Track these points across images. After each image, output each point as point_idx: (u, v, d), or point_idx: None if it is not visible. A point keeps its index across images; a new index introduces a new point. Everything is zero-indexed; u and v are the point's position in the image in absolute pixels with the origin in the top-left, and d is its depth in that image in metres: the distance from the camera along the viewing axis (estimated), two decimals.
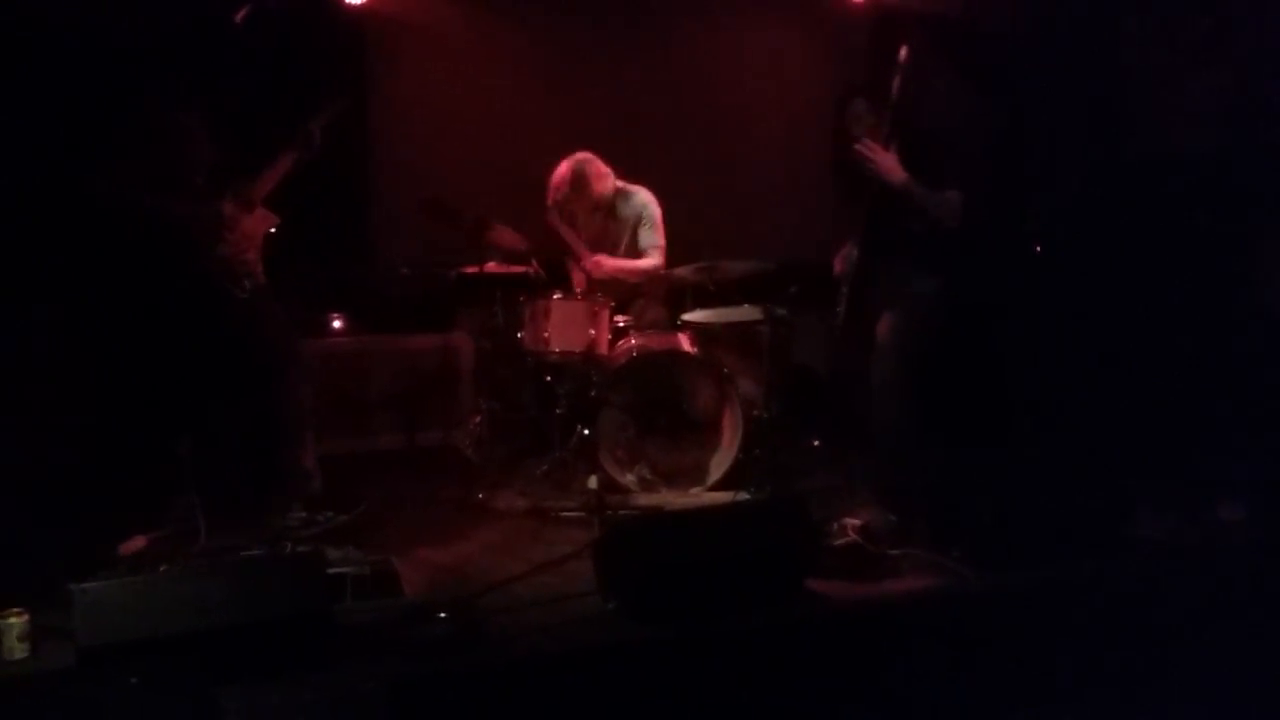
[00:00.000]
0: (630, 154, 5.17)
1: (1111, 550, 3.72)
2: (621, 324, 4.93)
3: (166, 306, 3.93)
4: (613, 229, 5.12)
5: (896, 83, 3.90)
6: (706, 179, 5.73)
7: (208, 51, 3.97)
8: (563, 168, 4.96)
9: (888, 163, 3.93)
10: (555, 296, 4.72)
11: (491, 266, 4.99)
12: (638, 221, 5.10)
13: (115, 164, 3.75)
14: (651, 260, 5.06)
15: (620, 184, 5.08)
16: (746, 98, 6.10)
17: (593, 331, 4.65)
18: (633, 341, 4.79)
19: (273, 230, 4.14)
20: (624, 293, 5.11)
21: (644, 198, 5.12)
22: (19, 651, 2.95)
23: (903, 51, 3.89)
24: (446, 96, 5.74)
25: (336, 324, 5.54)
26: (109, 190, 3.75)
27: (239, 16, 4.01)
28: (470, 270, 5.04)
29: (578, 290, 5.01)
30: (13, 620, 2.95)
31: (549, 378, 4.93)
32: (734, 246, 4.89)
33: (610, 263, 5.06)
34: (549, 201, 4.99)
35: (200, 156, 3.94)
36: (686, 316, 4.92)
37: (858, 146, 3.98)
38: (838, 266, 4.32)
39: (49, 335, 3.91)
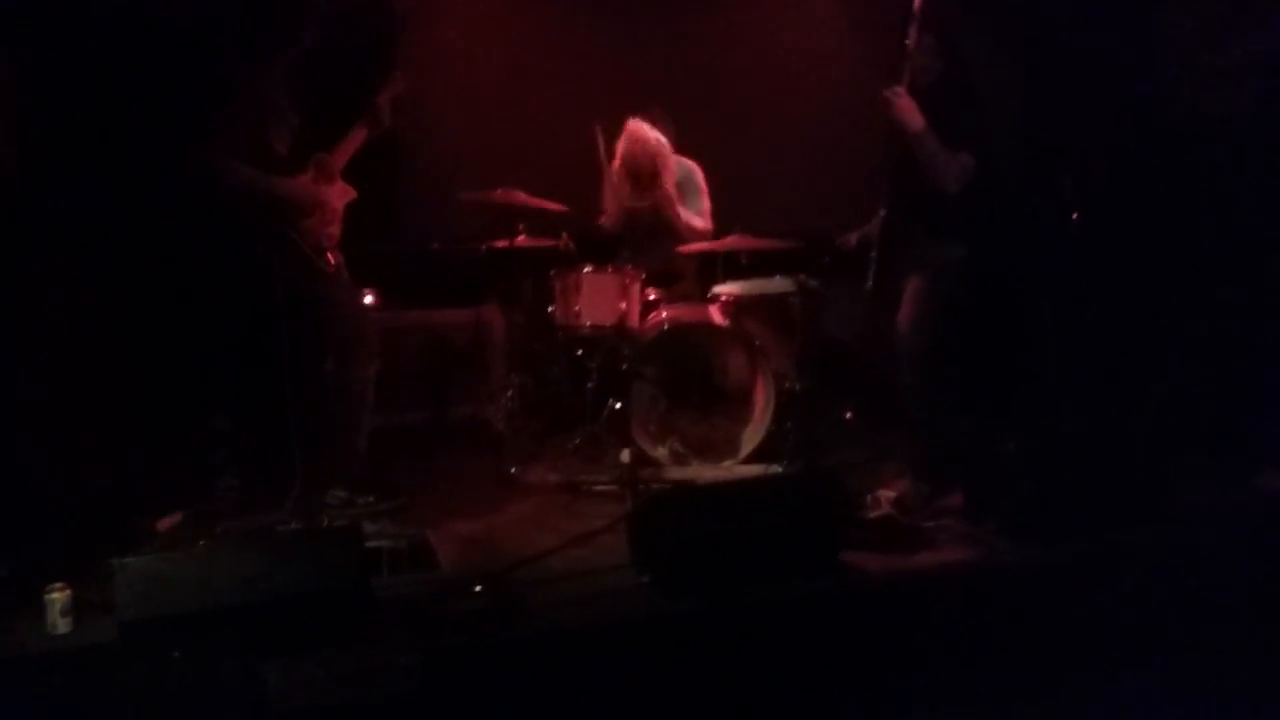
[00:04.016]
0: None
1: (1150, 521, 3.69)
2: (652, 297, 4.92)
3: (247, 280, 3.90)
4: (661, 203, 5.10)
5: (912, 32, 3.83)
6: (739, 151, 5.69)
7: (282, 26, 3.91)
8: (645, 126, 5.00)
9: (908, 108, 3.86)
10: (586, 270, 4.71)
11: (522, 240, 4.98)
12: (687, 188, 5.11)
13: (213, 138, 3.70)
14: (699, 221, 5.08)
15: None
16: (780, 70, 6.04)
17: (623, 304, 4.64)
18: (664, 314, 4.78)
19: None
20: (659, 265, 5.10)
21: (692, 166, 5.15)
22: (62, 626, 2.99)
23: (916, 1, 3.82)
24: (476, 69, 5.72)
25: (367, 299, 5.55)
26: (202, 160, 3.70)
27: None
28: (501, 244, 5.04)
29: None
30: (55, 595, 2.99)
31: (580, 351, 4.92)
32: (765, 219, 4.85)
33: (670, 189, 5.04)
34: (619, 145, 4.99)
35: (287, 128, 3.89)
36: (718, 288, 4.90)
37: (885, 91, 3.90)
38: (852, 243, 4.28)
39: (102, 310, 3.93)
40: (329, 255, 3.96)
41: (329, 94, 4.18)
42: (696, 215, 5.10)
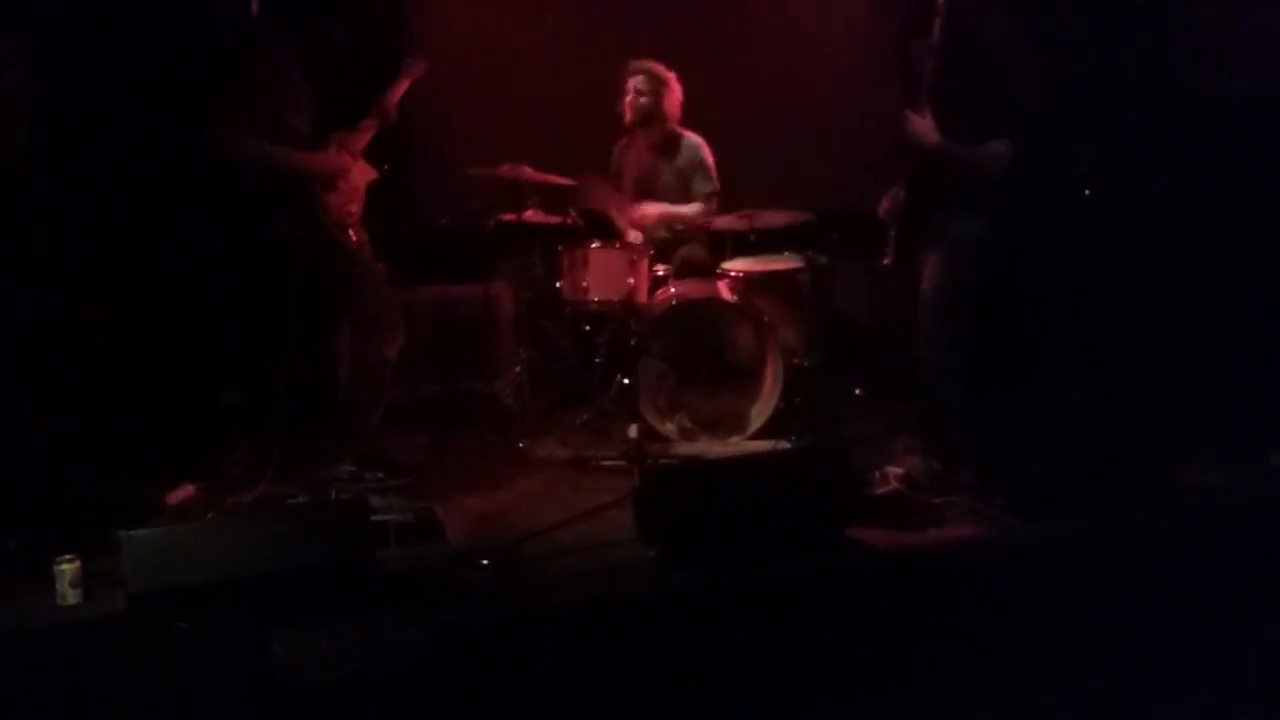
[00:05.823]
0: None
1: (1159, 499, 3.67)
2: (660, 272, 4.90)
3: (265, 255, 3.92)
4: (663, 170, 5.08)
5: (937, 27, 3.78)
6: (748, 126, 5.64)
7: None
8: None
9: (922, 126, 3.85)
10: (593, 245, 4.69)
11: (530, 215, 4.96)
12: (691, 167, 5.08)
13: (228, 112, 3.69)
14: (701, 206, 5.05)
15: (676, 127, 5.06)
16: (789, 45, 5.98)
17: (631, 280, 4.62)
18: (672, 290, 4.76)
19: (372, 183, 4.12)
20: (667, 240, 5.08)
21: (698, 141, 5.11)
22: (71, 597, 3.01)
23: None
24: (486, 45, 5.69)
25: None
26: (218, 135, 3.69)
27: None
28: (509, 219, 5.02)
29: (619, 240, 4.98)
30: (65, 567, 3.01)
31: (588, 327, 4.91)
32: (775, 195, 4.83)
33: (655, 210, 5.03)
34: (625, 84, 4.99)
35: (306, 106, 3.88)
36: (726, 265, 4.88)
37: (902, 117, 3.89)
38: (884, 208, 4.23)
39: (115, 285, 3.93)
40: (351, 232, 3.96)
41: (346, 81, 4.18)
42: (700, 198, 5.07)
